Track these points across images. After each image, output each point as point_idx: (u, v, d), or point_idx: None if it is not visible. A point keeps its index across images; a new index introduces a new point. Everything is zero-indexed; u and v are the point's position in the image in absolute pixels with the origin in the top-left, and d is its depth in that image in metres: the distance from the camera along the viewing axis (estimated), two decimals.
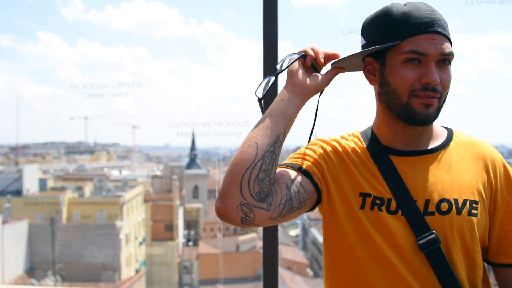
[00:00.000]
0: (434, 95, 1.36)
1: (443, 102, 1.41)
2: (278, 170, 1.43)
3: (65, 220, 33.10)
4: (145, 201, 37.33)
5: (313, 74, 1.46)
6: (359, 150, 1.50)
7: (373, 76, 1.47)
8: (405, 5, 1.40)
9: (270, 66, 2.78)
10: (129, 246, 33.43)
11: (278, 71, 1.43)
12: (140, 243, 36.05)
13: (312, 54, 1.44)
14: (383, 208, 1.40)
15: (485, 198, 1.43)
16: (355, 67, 1.54)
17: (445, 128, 1.56)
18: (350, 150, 1.50)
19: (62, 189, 35.09)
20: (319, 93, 1.48)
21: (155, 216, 36.72)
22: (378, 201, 1.41)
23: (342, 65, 1.51)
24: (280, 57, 2.64)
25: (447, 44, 1.37)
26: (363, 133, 1.55)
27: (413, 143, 1.46)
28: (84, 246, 31.36)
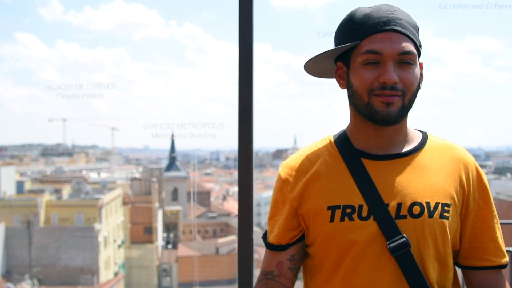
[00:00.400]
0: (394, 93, 1.36)
1: (410, 102, 1.41)
2: (272, 257, 1.57)
3: (43, 223, 32.80)
4: (124, 203, 37.16)
5: None
6: (330, 157, 1.51)
7: (342, 80, 1.50)
8: (369, 7, 1.43)
9: (245, 68, 2.74)
10: (107, 249, 33.21)
11: None
12: (119, 246, 35.88)
13: None
14: (354, 216, 1.40)
15: (457, 202, 1.44)
16: (328, 72, 1.57)
17: (420, 131, 1.56)
18: (320, 161, 1.51)
19: (40, 191, 34.74)
20: None
21: (134, 218, 36.57)
22: (348, 210, 1.41)
23: (315, 71, 1.57)
24: (255, 59, 2.72)
25: (406, 43, 1.38)
26: (336, 137, 1.55)
27: (386, 146, 1.46)
28: (61, 249, 31.09)
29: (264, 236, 1.60)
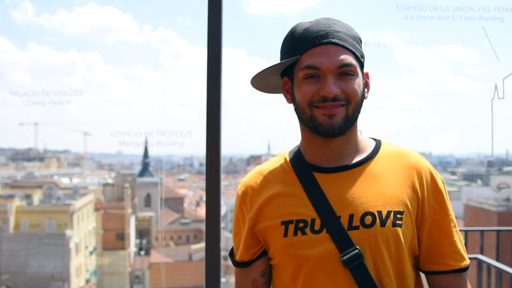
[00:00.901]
0: (336, 104, 1.38)
1: (354, 112, 1.43)
2: (245, 275, 1.59)
3: (13, 229, 32.25)
4: (96, 209, 36.79)
5: None
6: (285, 173, 1.53)
7: (289, 94, 1.52)
8: (309, 22, 1.45)
9: (214, 74, 2.73)
10: (79, 255, 32.79)
11: None
12: (91, 253, 35.49)
13: None
14: (307, 230, 1.42)
15: (411, 208, 1.44)
16: (277, 88, 1.58)
17: (374, 139, 1.58)
18: (275, 178, 1.53)
19: (10, 197, 34.14)
20: None
21: (106, 224, 36.27)
22: (301, 224, 1.43)
23: (263, 87, 1.59)
24: (224, 65, 2.72)
25: (345, 56, 1.39)
26: (291, 153, 1.57)
27: (336, 158, 1.48)
28: (31, 256, 30.58)
29: (231, 254, 1.63)
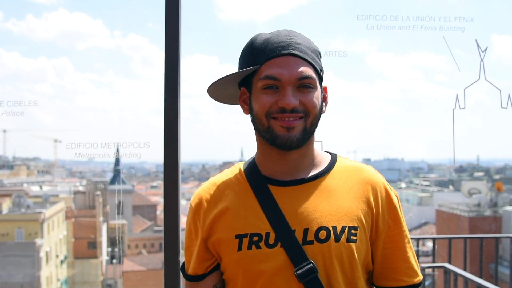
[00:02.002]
0: (295, 116, 1.38)
1: (312, 125, 1.43)
2: None
3: None
4: (67, 217, 36.27)
5: None
6: (239, 186, 1.52)
7: (246, 105, 1.52)
8: (270, 33, 1.46)
9: (171, 87, 2.65)
10: (49, 265, 32.32)
11: None
12: (62, 262, 35.04)
13: None
14: (262, 244, 1.41)
15: (366, 224, 1.45)
16: (234, 98, 1.59)
17: (330, 153, 1.58)
18: (229, 190, 1.52)
19: None
20: None
21: (77, 233, 35.87)
22: (255, 238, 1.42)
23: (219, 97, 1.59)
24: (196, 71, 2.61)
25: (305, 68, 1.39)
26: (246, 165, 1.57)
27: (291, 171, 1.48)
28: (0, 266, 30.06)
29: (182, 268, 1.62)
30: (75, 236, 35.82)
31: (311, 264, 1.36)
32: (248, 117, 1.52)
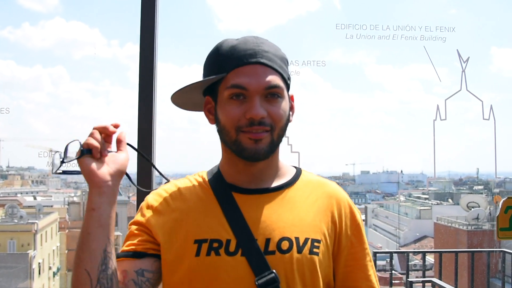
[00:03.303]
0: (262, 128, 1.36)
1: (279, 137, 1.41)
2: (119, 266, 1.37)
3: None
4: (61, 228, 36.34)
5: (109, 154, 1.36)
6: (202, 191, 1.48)
7: (211, 115, 1.48)
8: (236, 39, 1.43)
9: (144, 97, 2.67)
10: (42, 277, 32.21)
11: (59, 169, 1.36)
12: (54, 274, 35.11)
13: (96, 143, 1.32)
14: (221, 250, 1.37)
15: (329, 238, 1.43)
16: (199, 106, 1.53)
17: (295, 167, 1.57)
18: (189, 194, 1.48)
19: None
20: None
21: (71, 244, 35.86)
22: (215, 244, 1.37)
23: (184, 104, 1.54)
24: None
25: (273, 77, 1.37)
26: (209, 172, 1.54)
27: (256, 180, 1.46)
28: None
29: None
30: (69, 247, 35.82)
31: (273, 274, 1.33)
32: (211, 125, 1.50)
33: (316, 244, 1.39)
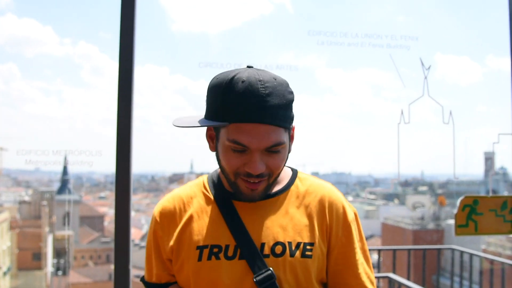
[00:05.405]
0: (260, 180, 1.42)
1: (275, 179, 1.47)
2: None
3: None
4: (11, 228, 35.16)
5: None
6: (203, 199, 1.56)
7: (212, 143, 1.52)
8: (242, 82, 1.35)
9: (124, 96, 2.71)
10: None
11: None
12: (5, 273, 33.93)
13: None
14: (221, 255, 1.45)
15: (321, 240, 1.50)
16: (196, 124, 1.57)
17: (292, 169, 1.63)
18: (192, 203, 1.56)
19: None
20: None
21: (21, 244, 34.85)
22: (215, 250, 1.46)
23: (183, 125, 1.52)
24: (147, 82, 2.63)
25: (275, 137, 1.37)
26: (210, 178, 1.60)
27: None
28: None
29: (143, 279, 1.64)
30: (20, 247, 34.85)
31: (270, 271, 1.40)
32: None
33: (308, 247, 1.46)
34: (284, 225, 1.48)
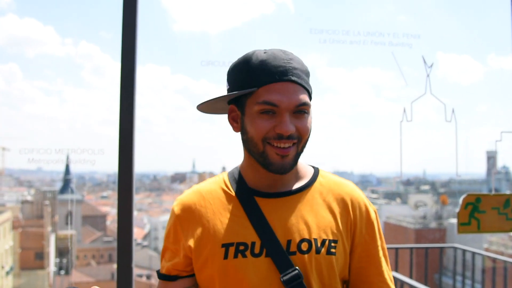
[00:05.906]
0: (290, 142, 1.41)
1: (302, 148, 1.47)
2: (164, 285, 1.58)
3: None
4: (14, 227, 35.27)
5: None
6: (224, 195, 1.54)
7: (236, 123, 1.52)
8: (264, 52, 1.44)
9: (126, 96, 2.71)
10: None
11: None
12: (7, 273, 34.05)
13: None
14: (247, 253, 1.43)
15: (345, 237, 1.50)
16: (220, 110, 1.59)
17: (313, 167, 1.62)
18: (213, 200, 1.54)
19: None
20: None
21: (24, 243, 35.01)
22: (241, 247, 1.44)
23: (207, 108, 1.58)
24: (148, 82, 2.65)
25: (303, 95, 1.41)
26: (231, 175, 1.59)
27: (277, 185, 1.51)
28: None
29: (159, 271, 1.63)
30: (22, 246, 34.97)
31: (297, 270, 1.40)
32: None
33: (333, 244, 1.46)
34: (309, 221, 1.47)
